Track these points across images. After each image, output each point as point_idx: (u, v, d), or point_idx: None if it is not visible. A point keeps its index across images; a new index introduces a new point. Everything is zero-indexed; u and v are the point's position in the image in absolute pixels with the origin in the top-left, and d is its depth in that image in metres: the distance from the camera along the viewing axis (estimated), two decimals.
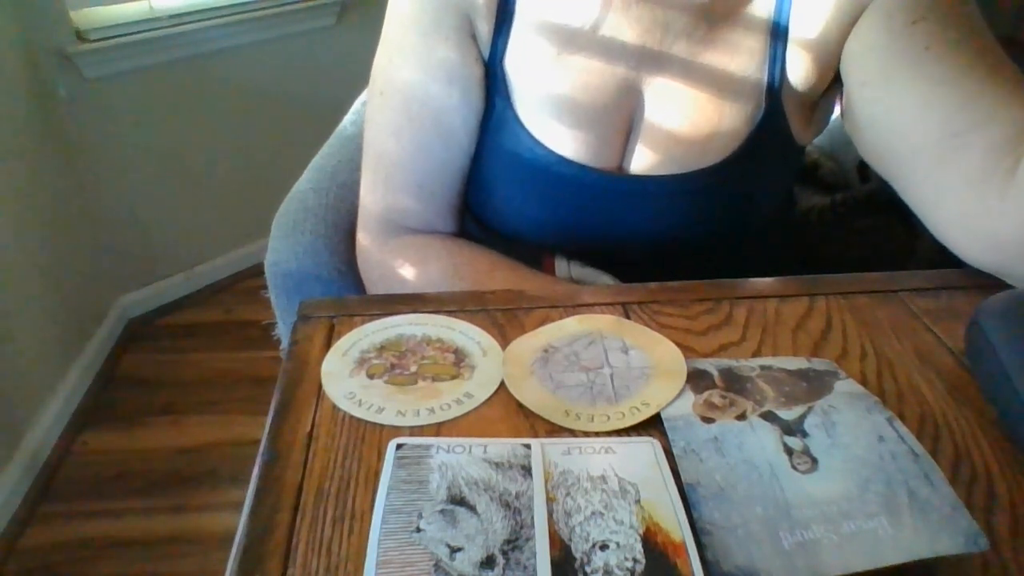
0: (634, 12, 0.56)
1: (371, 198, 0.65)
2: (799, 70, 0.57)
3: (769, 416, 0.37)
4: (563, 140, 0.59)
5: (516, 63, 0.59)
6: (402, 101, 0.60)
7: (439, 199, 0.63)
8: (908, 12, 0.51)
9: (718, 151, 0.58)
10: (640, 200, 0.60)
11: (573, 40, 0.57)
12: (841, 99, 0.60)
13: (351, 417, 0.39)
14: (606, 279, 0.62)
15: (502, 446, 0.36)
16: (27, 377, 1.52)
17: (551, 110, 0.58)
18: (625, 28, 0.56)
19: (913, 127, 0.51)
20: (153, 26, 1.71)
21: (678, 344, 0.43)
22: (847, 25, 0.54)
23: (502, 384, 0.41)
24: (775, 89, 0.57)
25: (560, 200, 0.61)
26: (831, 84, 0.59)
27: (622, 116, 0.59)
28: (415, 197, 0.62)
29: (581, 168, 0.59)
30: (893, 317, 0.47)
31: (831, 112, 0.64)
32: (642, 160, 0.59)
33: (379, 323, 0.46)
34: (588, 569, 0.30)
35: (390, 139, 0.62)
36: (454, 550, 0.30)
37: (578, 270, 0.65)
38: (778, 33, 0.56)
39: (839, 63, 0.56)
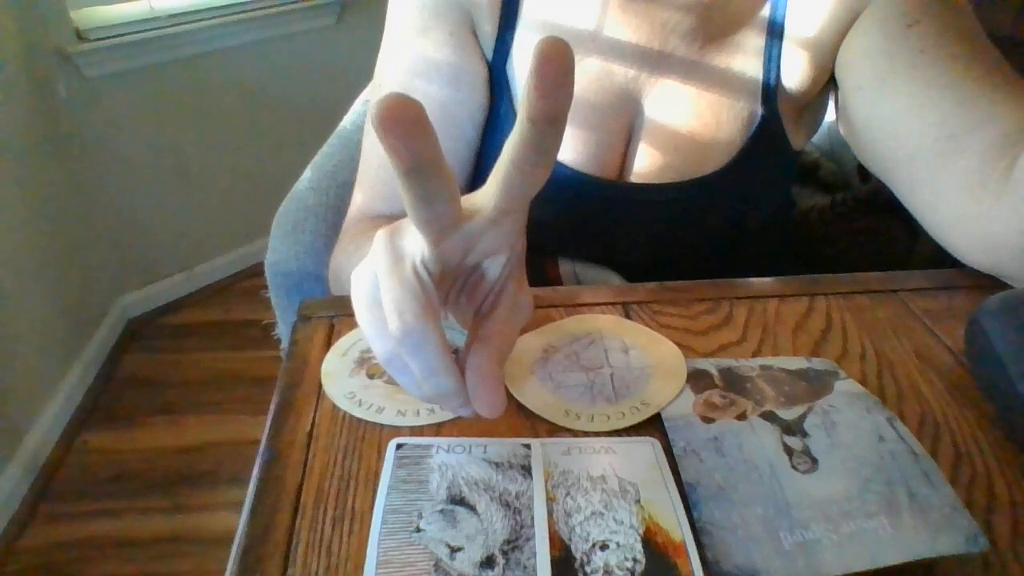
0: (634, 14, 0.56)
1: (358, 192, 0.64)
2: (794, 70, 0.57)
3: (769, 416, 0.37)
4: (564, 145, 0.59)
5: (520, 66, 0.59)
6: (403, 92, 0.60)
7: None
8: (903, 15, 0.51)
9: (716, 159, 0.58)
10: (640, 207, 0.60)
11: (576, 43, 0.57)
12: (836, 102, 0.60)
13: (351, 417, 0.39)
14: (611, 278, 0.62)
15: (502, 446, 0.36)
16: (27, 377, 1.53)
17: None
18: (626, 30, 0.56)
19: (909, 130, 0.51)
20: (153, 26, 1.71)
21: (678, 344, 0.43)
22: (842, 27, 0.54)
23: None
24: (770, 89, 0.57)
25: (560, 205, 0.61)
26: (823, 87, 0.59)
27: (622, 122, 0.59)
28: None
29: (581, 174, 0.59)
30: (893, 317, 0.47)
31: (822, 116, 0.64)
32: (642, 167, 0.60)
33: None
34: (588, 569, 0.30)
35: None
36: (454, 550, 0.30)
37: (583, 270, 0.65)
38: (774, 31, 0.56)
39: (833, 66, 0.57)
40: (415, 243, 0.31)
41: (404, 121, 0.26)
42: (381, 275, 0.31)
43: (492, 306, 0.35)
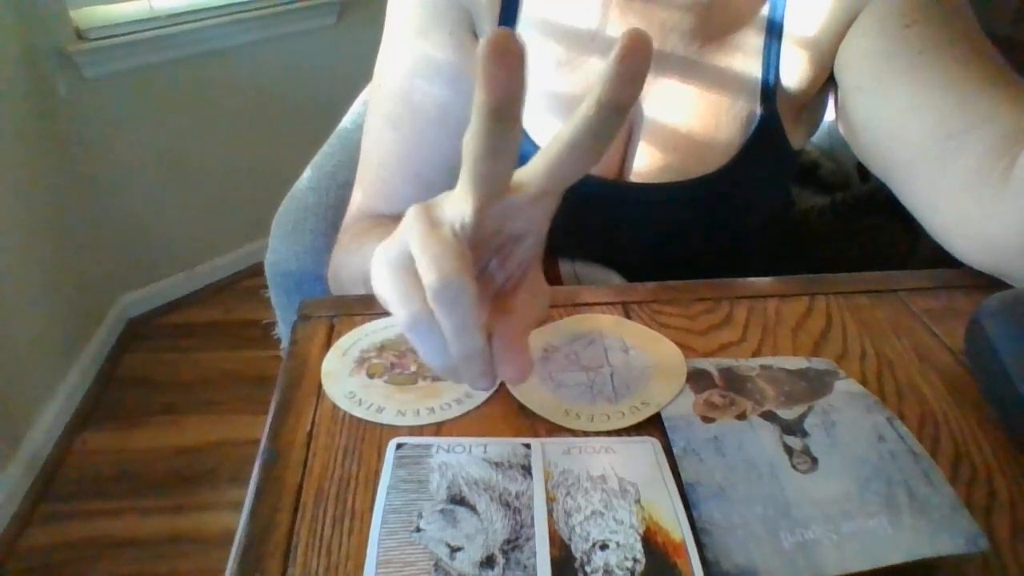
0: (634, 14, 0.56)
1: (358, 191, 0.64)
2: (793, 70, 0.57)
3: (769, 416, 0.37)
4: None
5: None
6: (404, 93, 0.60)
7: (437, 190, 0.62)
8: (902, 16, 0.51)
9: (716, 159, 0.58)
10: (639, 207, 0.60)
11: (575, 43, 0.57)
12: (836, 103, 0.60)
13: (351, 417, 0.39)
14: (611, 277, 0.62)
15: (502, 446, 0.36)
16: (27, 377, 1.52)
17: (552, 114, 0.58)
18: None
19: (908, 130, 0.51)
20: (153, 26, 1.71)
21: (678, 344, 0.43)
22: (841, 27, 0.54)
23: (502, 384, 0.41)
24: (770, 89, 0.57)
25: (559, 205, 0.61)
26: (822, 87, 0.59)
27: None
28: (411, 185, 0.62)
29: None
30: (893, 317, 0.47)
31: (821, 115, 0.64)
32: (641, 167, 0.59)
33: (379, 322, 0.46)
34: (588, 569, 0.30)
35: (386, 129, 0.61)
36: (454, 550, 0.30)
37: (583, 270, 0.65)
38: (773, 31, 0.56)
39: (832, 66, 0.57)
40: (455, 210, 0.32)
41: (513, 52, 0.27)
42: (417, 238, 0.32)
43: (513, 288, 0.36)
